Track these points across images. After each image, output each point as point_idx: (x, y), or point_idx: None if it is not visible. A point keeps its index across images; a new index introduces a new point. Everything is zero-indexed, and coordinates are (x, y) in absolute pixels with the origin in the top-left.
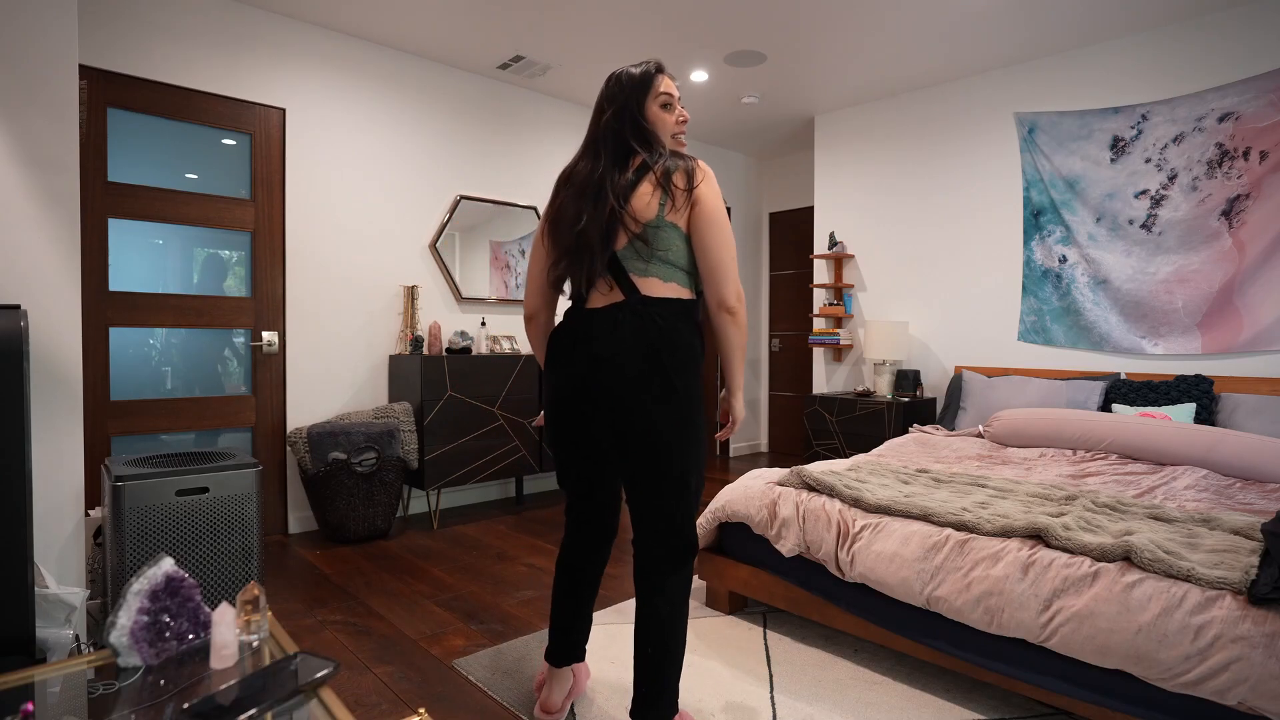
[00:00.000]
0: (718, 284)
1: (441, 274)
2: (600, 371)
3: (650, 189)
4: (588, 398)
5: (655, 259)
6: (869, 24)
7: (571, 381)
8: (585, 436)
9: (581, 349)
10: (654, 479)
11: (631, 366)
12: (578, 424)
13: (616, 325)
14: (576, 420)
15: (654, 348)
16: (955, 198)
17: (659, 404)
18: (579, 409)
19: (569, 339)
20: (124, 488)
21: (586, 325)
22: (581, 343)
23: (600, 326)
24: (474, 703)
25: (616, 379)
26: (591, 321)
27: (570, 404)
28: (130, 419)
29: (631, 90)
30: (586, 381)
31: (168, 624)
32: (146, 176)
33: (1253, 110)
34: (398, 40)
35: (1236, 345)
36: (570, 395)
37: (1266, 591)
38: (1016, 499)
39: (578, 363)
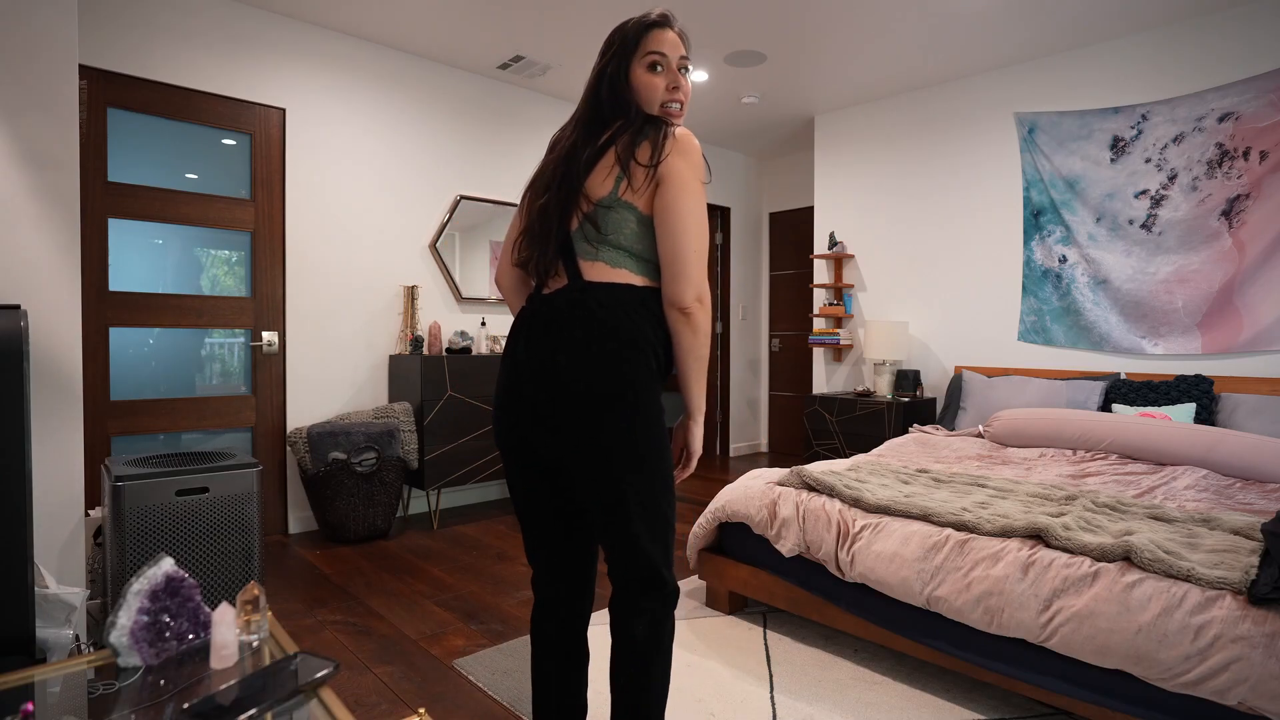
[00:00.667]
0: (671, 278)
1: (441, 274)
2: (533, 369)
3: (610, 162)
4: (520, 399)
5: (604, 243)
6: (869, 24)
7: (508, 379)
8: (522, 446)
9: (519, 341)
10: (604, 508)
11: (567, 364)
12: (512, 430)
13: (554, 315)
14: (511, 426)
15: (587, 340)
16: (955, 198)
17: (601, 410)
18: (513, 413)
19: (515, 328)
20: (124, 488)
21: (530, 314)
22: (520, 332)
23: (539, 316)
24: (474, 702)
25: (550, 379)
26: (535, 310)
27: (505, 408)
28: (130, 419)
29: (619, 47)
30: (520, 380)
31: (168, 624)
32: (146, 176)
33: (1252, 110)
34: (398, 40)
35: (1236, 345)
36: (504, 396)
37: (1266, 591)
38: (1016, 499)
39: (515, 357)
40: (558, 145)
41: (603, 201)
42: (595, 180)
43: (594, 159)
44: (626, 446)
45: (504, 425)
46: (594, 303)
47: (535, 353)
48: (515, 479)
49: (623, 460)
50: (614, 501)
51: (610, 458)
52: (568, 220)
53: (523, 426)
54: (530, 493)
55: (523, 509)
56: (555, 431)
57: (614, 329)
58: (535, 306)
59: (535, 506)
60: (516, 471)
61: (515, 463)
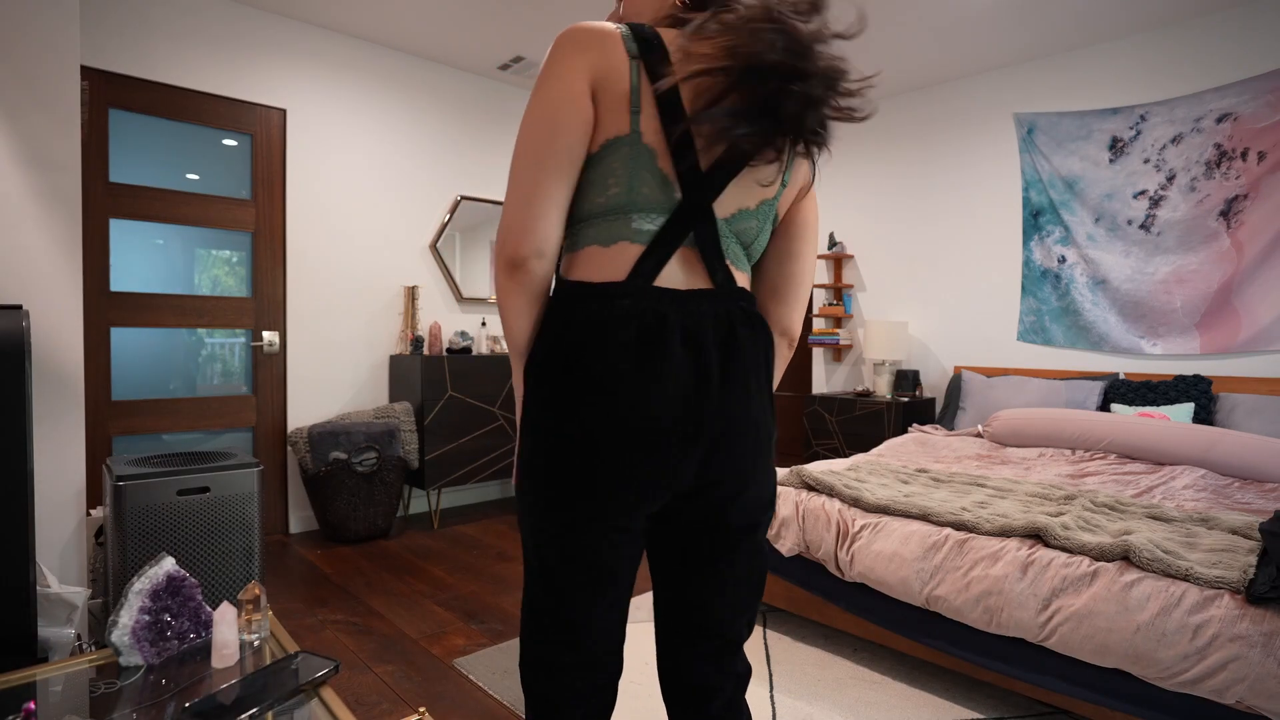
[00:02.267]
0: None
1: (442, 274)
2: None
3: None
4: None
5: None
6: (869, 24)
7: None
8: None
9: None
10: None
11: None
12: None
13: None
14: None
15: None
16: (954, 198)
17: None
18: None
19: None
20: (125, 487)
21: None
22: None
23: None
24: (474, 702)
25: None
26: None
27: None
28: (131, 419)
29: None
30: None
31: (169, 623)
32: (148, 177)
33: (1251, 111)
34: (398, 41)
35: (1235, 345)
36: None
37: (1264, 591)
38: (1015, 499)
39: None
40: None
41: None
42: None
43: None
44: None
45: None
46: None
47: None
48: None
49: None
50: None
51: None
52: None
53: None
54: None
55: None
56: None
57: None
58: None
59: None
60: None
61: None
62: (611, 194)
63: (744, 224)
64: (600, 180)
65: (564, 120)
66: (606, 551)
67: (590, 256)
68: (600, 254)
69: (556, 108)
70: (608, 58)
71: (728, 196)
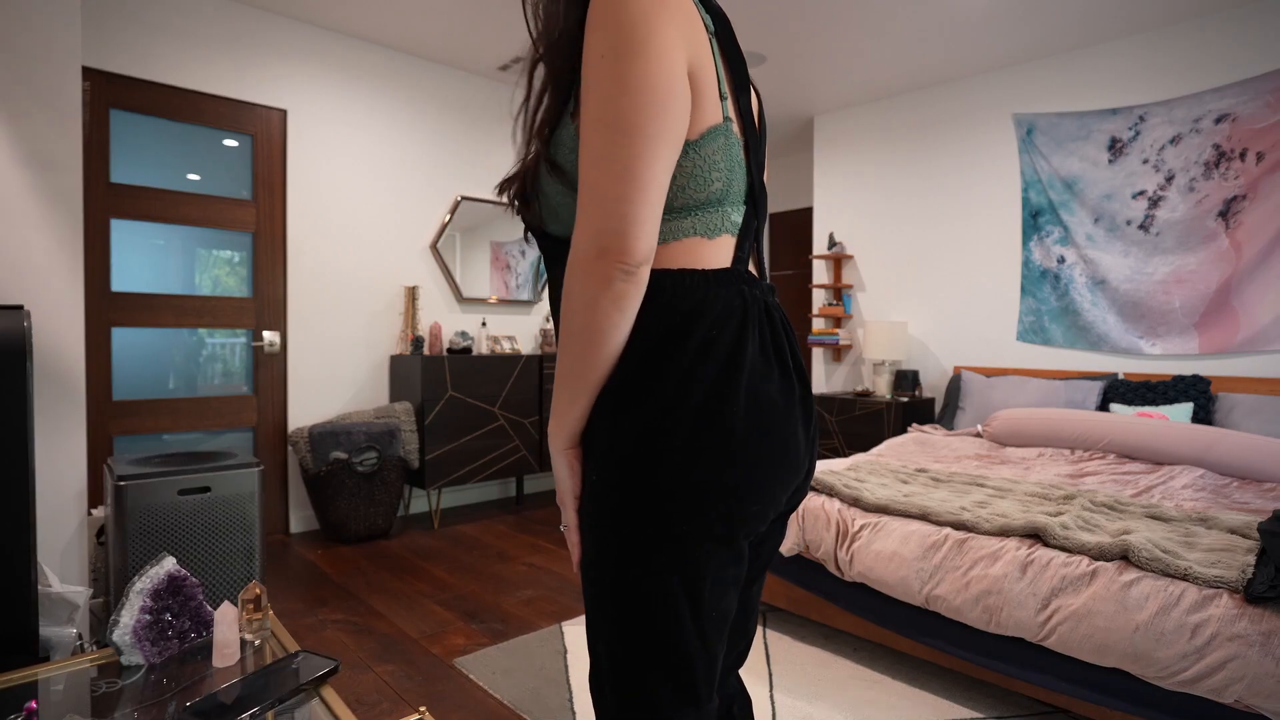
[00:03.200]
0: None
1: (442, 274)
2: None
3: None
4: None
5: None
6: (869, 25)
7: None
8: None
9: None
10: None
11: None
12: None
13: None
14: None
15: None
16: (954, 198)
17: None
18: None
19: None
20: (126, 487)
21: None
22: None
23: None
24: (474, 701)
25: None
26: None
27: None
28: (132, 419)
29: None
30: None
31: (170, 623)
32: (148, 177)
33: (1249, 111)
34: (398, 41)
35: (1233, 345)
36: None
37: (1263, 590)
38: (1015, 498)
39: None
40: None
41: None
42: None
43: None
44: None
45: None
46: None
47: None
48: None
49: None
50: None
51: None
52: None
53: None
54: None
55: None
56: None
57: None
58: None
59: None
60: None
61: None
62: (714, 188)
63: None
64: (701, 172)
65: (675, 101)
66: (742, 570)
67: (692, 248)
68: (704, 246)
69: (666, 85)
70: (696, 30)
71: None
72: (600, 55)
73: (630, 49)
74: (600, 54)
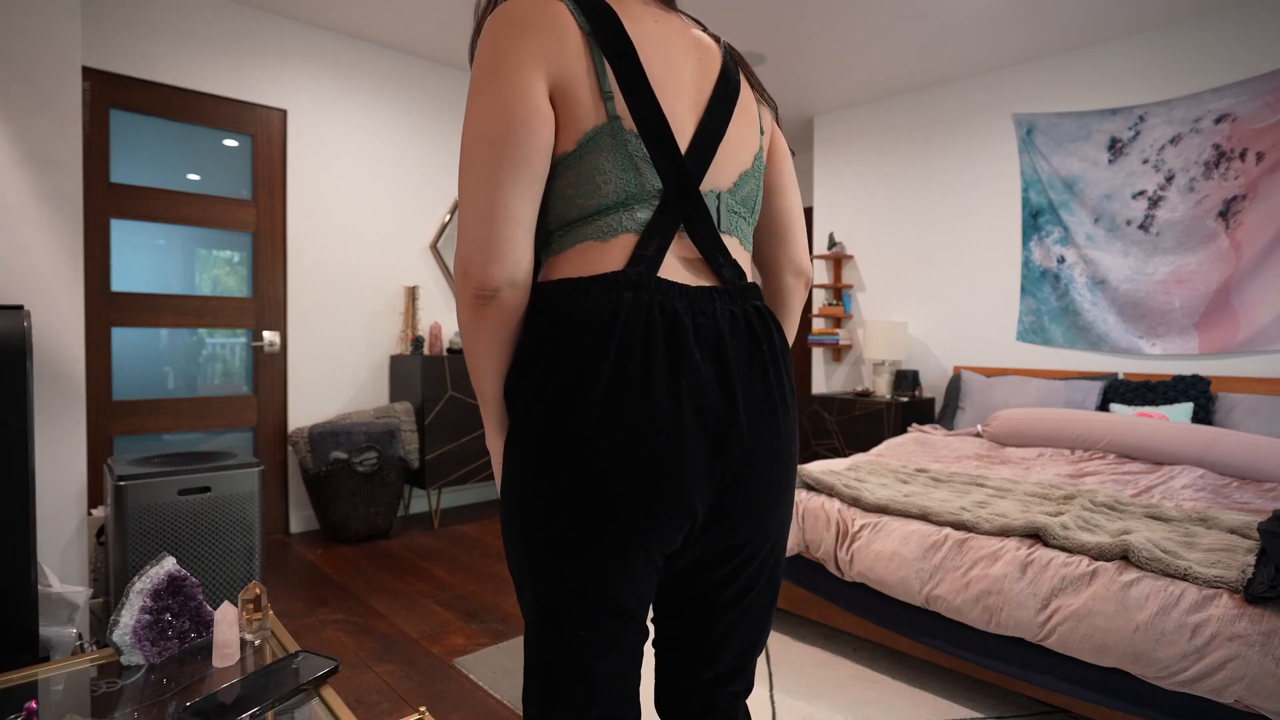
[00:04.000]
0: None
1: (442, 274)
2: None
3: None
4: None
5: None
6: (869, 24)
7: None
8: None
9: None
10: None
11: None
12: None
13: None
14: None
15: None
16: (954, 198)
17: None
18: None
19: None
20: (126, 487)
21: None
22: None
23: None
24: (474, 701)
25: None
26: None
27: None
28: (132, 419)
29: None
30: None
31: (170, 623)
32: (148, 177)
33: (1249, 111)
34: (399, 41)
35: (1233, 345)
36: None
37: (1262, 590)
38: (1015, 498)
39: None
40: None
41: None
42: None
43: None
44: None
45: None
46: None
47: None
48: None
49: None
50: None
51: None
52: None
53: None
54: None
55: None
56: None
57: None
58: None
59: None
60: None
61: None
62: (607, 190)
63: (747, 189)
64: (587, 181)
65: (521, 124)
66: (621, 589)
67: (583, 253)
68: (596, 250)
69: (509, 110)
70: (560, 38)
71: (723, 165)
72: (468, 94)
73: (478, 81)
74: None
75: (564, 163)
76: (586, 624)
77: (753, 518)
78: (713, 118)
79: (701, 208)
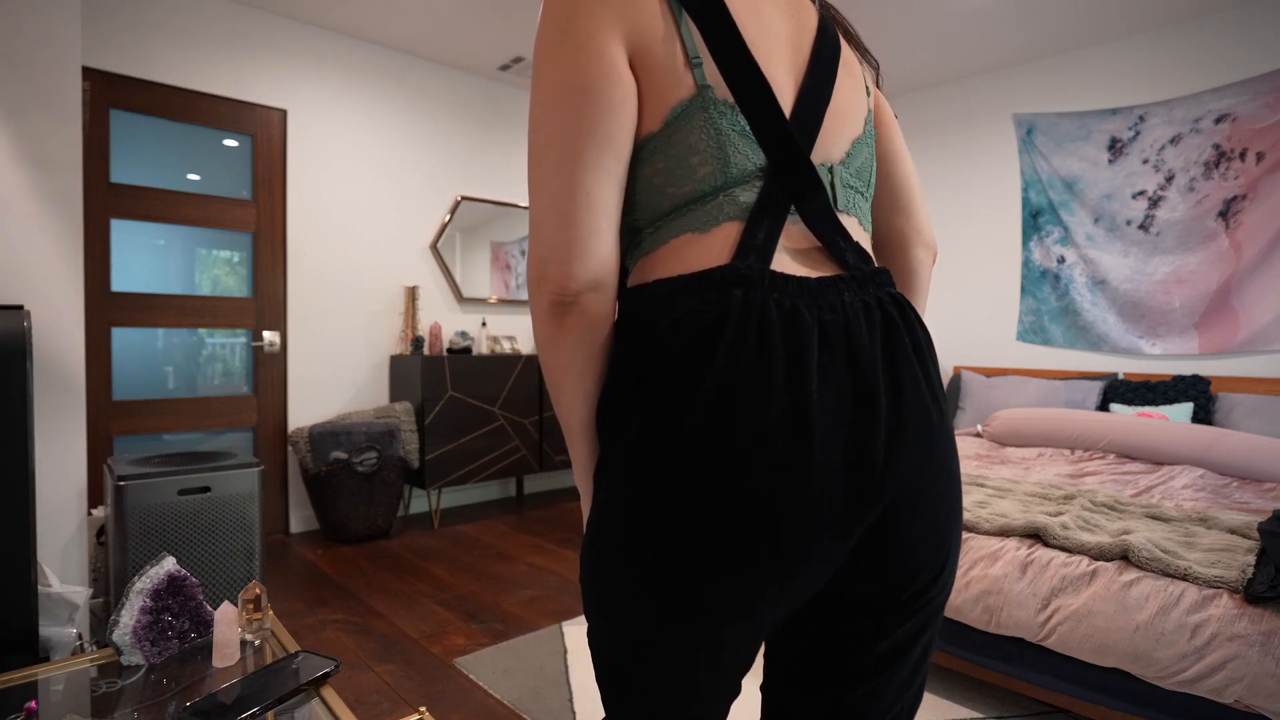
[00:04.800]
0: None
1: (442, 274)
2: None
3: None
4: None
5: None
6: (868, 24)
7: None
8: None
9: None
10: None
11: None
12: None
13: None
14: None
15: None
16: (954, 198)
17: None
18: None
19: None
20: (126, 487)
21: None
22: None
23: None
24: (475, 701)
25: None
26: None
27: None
28: (132, 419)
29: None
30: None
31: (170, 623)
32: (148, 177)
33: (1249, 111)
34: (398, 41)
35: (1233, 345)
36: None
37: (1263, 590)
38: (1015, 498)
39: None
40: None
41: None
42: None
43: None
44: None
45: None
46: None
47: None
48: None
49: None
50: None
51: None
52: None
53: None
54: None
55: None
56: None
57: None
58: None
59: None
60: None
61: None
62: (703, 174)
63: (861, 159)
64: (679, 164)
65: (600, 95)
66: (707, 660)
67: (679, 249)
68: (694, 244)
69: (585, 79)
70: (636, 2)
71: (832, 134)
72: (533, 64)
73: (544, 49)
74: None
75: (649, 145)
76: (663, 681)
77: (911, 563)
78: (815, 79)
79: (816, 183)
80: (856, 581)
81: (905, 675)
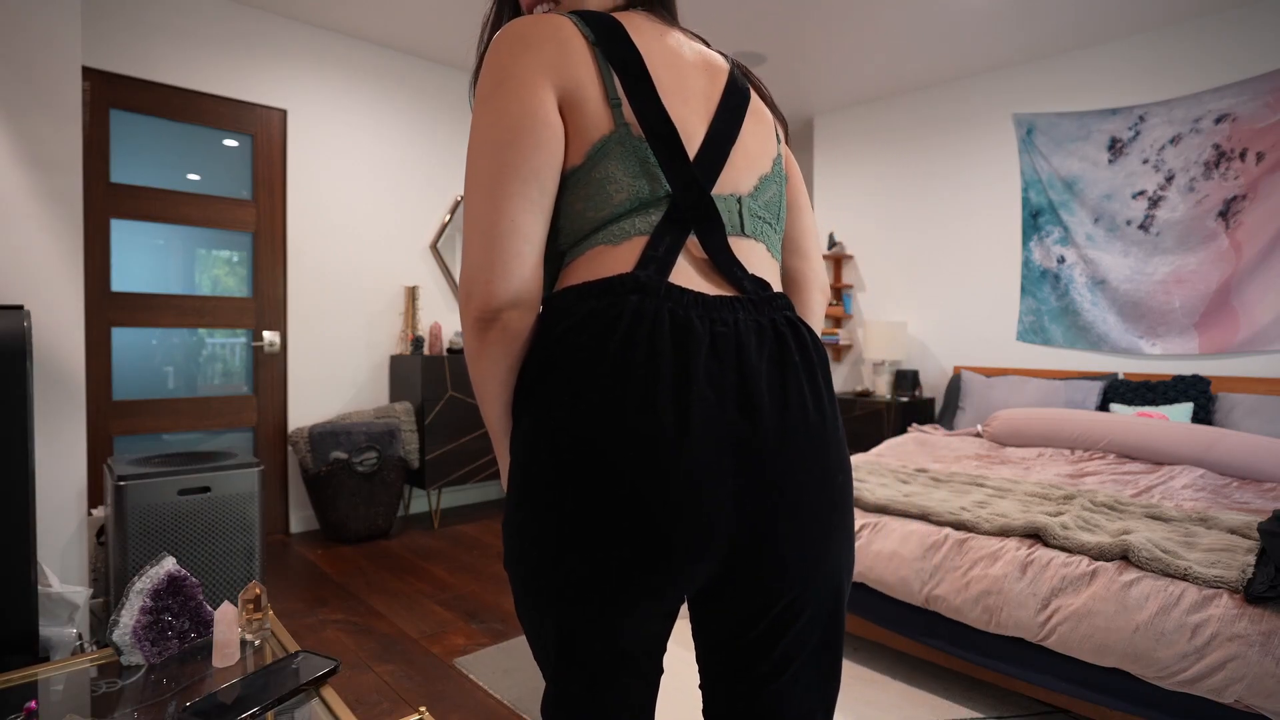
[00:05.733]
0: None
1: (442, 274)
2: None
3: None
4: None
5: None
6: (869, 25)
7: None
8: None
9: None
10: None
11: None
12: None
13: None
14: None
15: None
16: (954, 198)
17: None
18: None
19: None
20: (126, 487)
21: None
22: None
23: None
24: (474, 701)
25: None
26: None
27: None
28: (132, 419)
29: None
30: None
31: (170, 623)
32: (149, 177)
33: (1249, 111)
34: (398, 41)
35: (1233, 345)
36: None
37: (1262, 590)
38: (1015, 498)
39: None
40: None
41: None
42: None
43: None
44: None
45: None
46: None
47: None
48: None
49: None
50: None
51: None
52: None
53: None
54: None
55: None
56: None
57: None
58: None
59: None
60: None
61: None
62: (619, 200)
63: (769, 193)
64: (598, 191)
65: (528, 133)
66: (624, 638)
67: (593, 259)
68: (607, 253)
69: (515, 120)
70: (566, 50)
71: (740, 169)
72: (473, 107)
73: (483, 94)
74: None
75: (573, 177)
76: (586, 672)
77: (789, 565)
78: (723, 121)
79: (714, 214)
80: (731, 600)
81: (804, 686)
